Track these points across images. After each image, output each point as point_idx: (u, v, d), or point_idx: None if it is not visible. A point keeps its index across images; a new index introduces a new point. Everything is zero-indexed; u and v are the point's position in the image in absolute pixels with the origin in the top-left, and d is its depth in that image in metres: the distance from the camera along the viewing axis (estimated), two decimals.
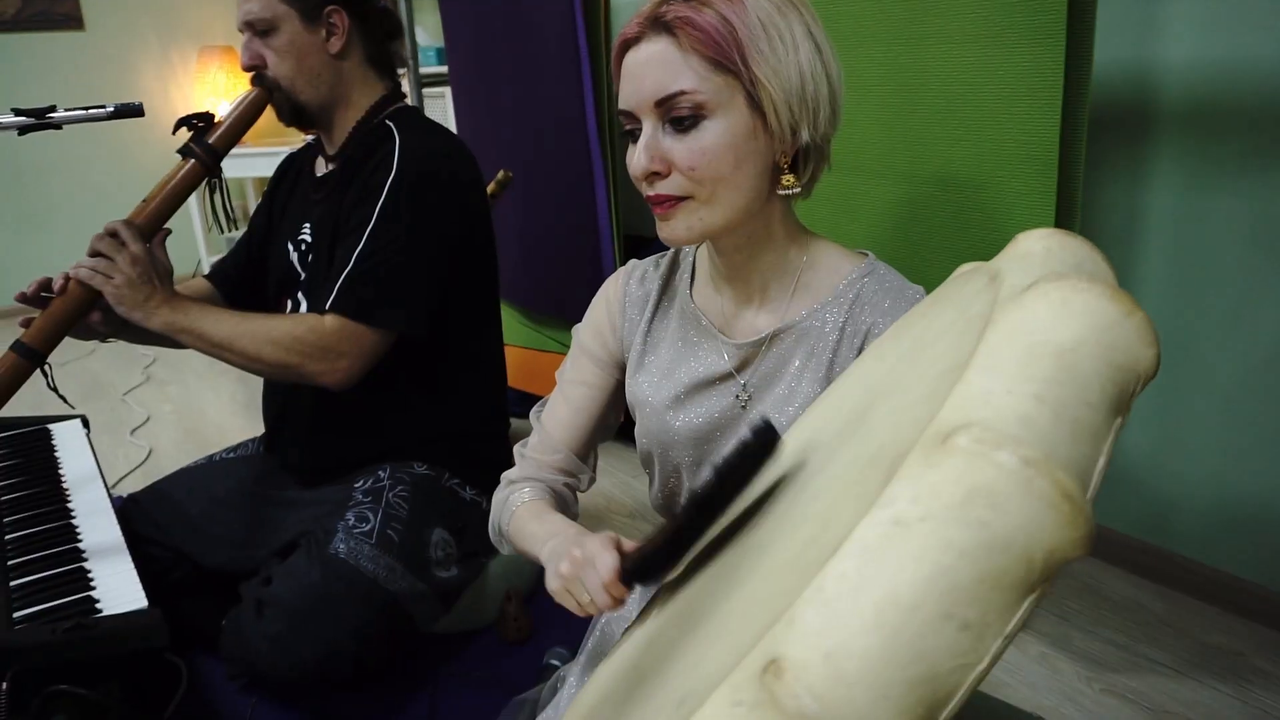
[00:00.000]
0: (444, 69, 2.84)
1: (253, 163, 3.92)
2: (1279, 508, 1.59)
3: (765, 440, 0.65)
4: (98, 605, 1.18)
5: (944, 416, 0.38)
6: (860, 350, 0.93)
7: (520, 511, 1.01)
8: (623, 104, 0.88)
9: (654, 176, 0.87)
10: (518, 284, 2.48)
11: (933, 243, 1.44)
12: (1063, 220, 1.30)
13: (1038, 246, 0.54)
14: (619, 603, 0.75)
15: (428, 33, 3.47)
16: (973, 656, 0.33)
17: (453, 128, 2.74)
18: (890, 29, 1.41)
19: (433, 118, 1.58)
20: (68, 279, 1.33)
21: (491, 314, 1.62)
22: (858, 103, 1.47)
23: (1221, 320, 1.59)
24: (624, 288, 1.07)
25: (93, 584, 1.23)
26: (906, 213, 1.46)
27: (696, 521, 0.67)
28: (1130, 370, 0.41)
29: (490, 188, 2.08)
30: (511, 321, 2.54)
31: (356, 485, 1.50)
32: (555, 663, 1.49)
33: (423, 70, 2.82)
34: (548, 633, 1.66)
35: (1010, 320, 0.42)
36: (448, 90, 2.87)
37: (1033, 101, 1.26)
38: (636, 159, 0.87)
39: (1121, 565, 1.81)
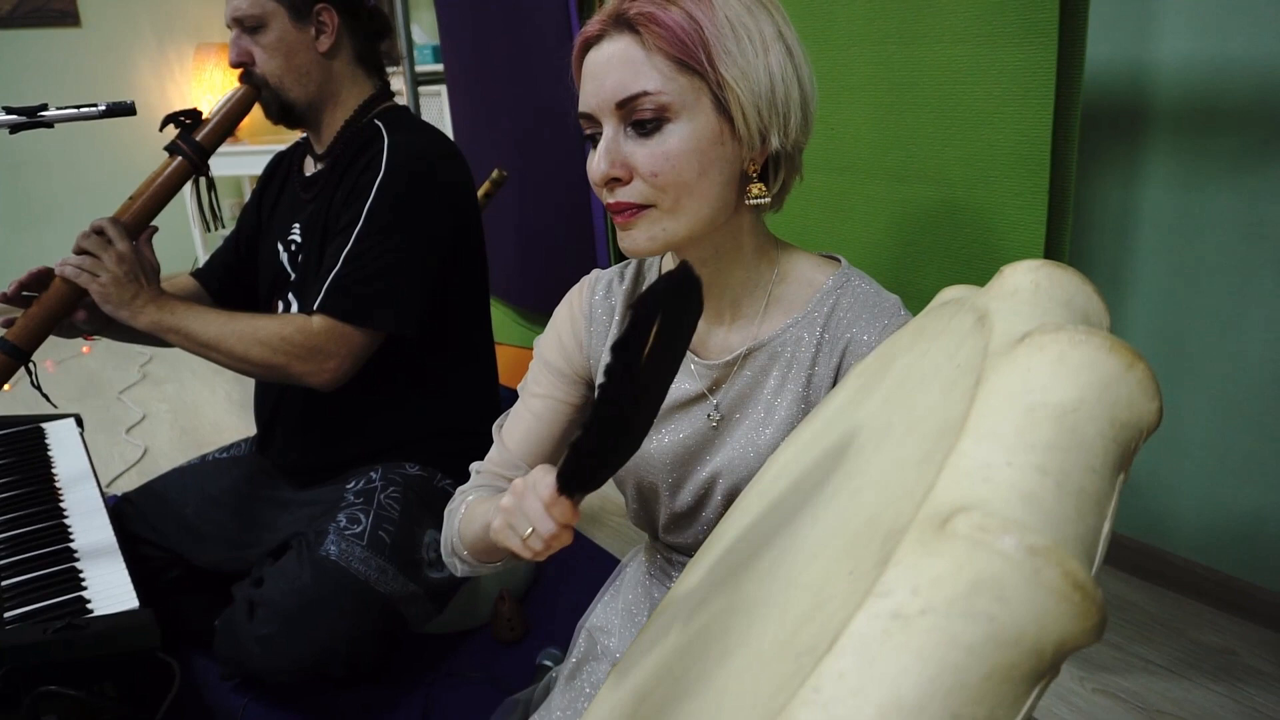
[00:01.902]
0: (440, 67, 2.83)
1: (249, 161, 3.92)
2: (1273, 507, 1.59)
3: (681, 283, 0.58)
4: (89, 605, 1.18)
5: (941, 494, 0.36)
6: (839, 367, 0.90)
7: (469, 509, 0.94)
8: (583, 106, 0.83)
9: (614, 183, 0.83)
10: (512, 283, 2.48)
11: (925, 243, 1.44)
12: (1054, 220, 1.29)
13: (1025, 281, 0.51)
14: (564, 530, 0.69)
15: (424, 30, 3.46)
16: None
17: (449, 126, 2.74)
18: (882, 28, 1.40)
19: (429, 116, 1.58)
20: (49, 272, 1.32)
21: (482, 312, 1.61)
22: (850, 103, 1.47)
23: (1216, 318, 1.59)
24: (588, 300, 1.02)
25: (84, 584, 1.23)
26: (899, 212, 1.46)
27: (619, 394, 0.58)
28: (1134, 426, 0.39)
29: (485, 186, 2.07)
30: (506, 320, 2.54)
31: (348, 486, 1.50)
32: (548, 663, 1.49)
33: (419, 68, 2.81)
34: (541, 633, 1.66)
35: (1004, 379, 0.40)
36: (444, 88, 2.87)
37: (1025, 100, 1.26)
38: (596, 164, 0.82)
39: (1114, 565, 1.81)
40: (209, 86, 4.26)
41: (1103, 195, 1.69)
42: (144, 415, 2.92)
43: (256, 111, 1.49)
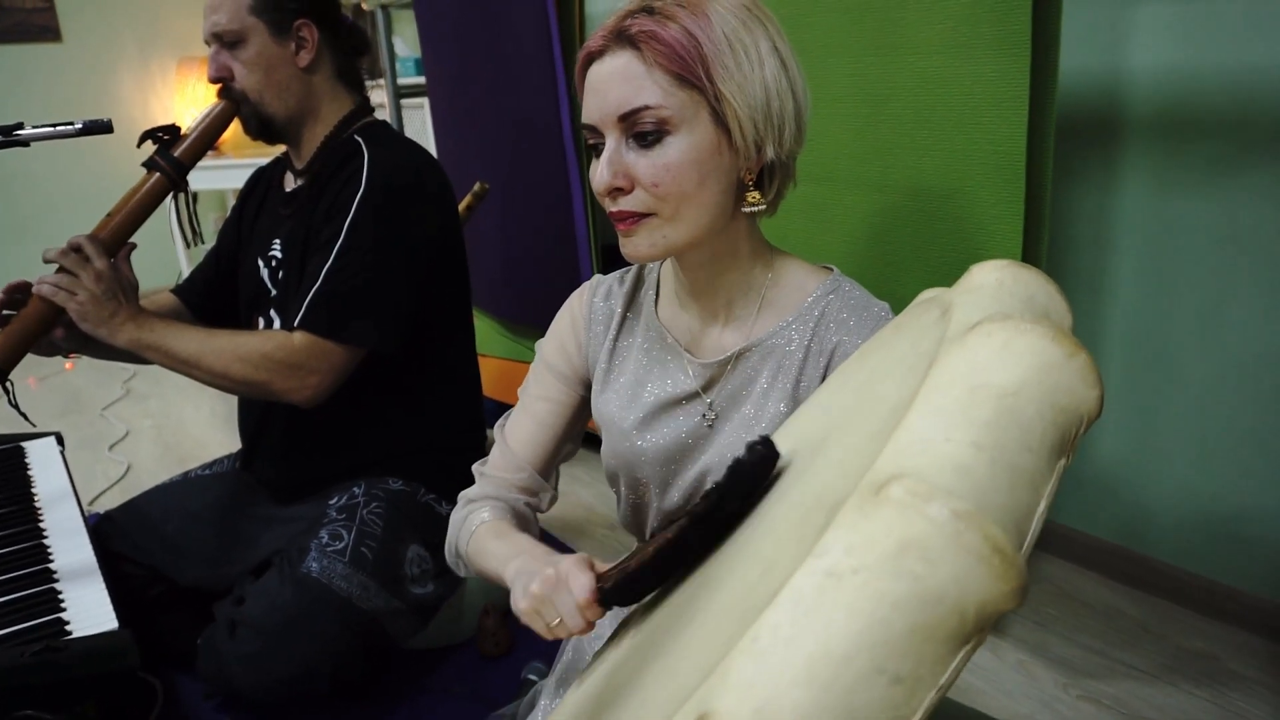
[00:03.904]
0: (423, 79, 2.83)
1: (233, 174, 3.89)
2: (1254, 511, 1.60)
3: (761, 460, 0.61)
4: (68, 627, 1.17)
5: (881, 464, 0.38)
6: (827, 368, 0.93)
7: (481, 531, 0.99)
8: (586, 118, 0.88)
9: (617, 192, 0.86)
10: (496, 295, 2.48)
11: (903, 252, 1.44)
12: (1031, 227, 1.30)
13: (989, 279, 0.54)
14: (590, 626, 0.72)
15: (406, 43, 3.46)
16: (905, 710, 0.33)
17: (431, 138, 2.74)
18: (859, 40, 1.42)
19: (412, 128, 1.58)
20: (26, 286, 1.31)
21: (464, 325, 1.61)
22: (828, 114, 1.48)
23: (1193, 324, 1.61)
24: (589, 303, 1.06)
25: (63, 605, 1.22)
26: (877, 222, 1.47)
27: (686, 543, 0.64)
28: (1073, 412, 0.41)
29: (467, 200, 2.07)
30: (490, 332, 2.54)
31: (331, 502, 1.49)
32: (533, 677, 1.49)
33: (401, 80, 2.81)
34: (526, 647, 1.65)
35: (953, 362, 0.42)
36: (427, 101, 2.87)
37: (999, 110, 1.27)
38: (599, 174, 0.86)
39: (1098, 570, 1.82)
40: (192, 100, 4.25)
41: (1080, 202, 1.70)
42: (127, 431, 2.90)
43: (241, 125, 1.49)
